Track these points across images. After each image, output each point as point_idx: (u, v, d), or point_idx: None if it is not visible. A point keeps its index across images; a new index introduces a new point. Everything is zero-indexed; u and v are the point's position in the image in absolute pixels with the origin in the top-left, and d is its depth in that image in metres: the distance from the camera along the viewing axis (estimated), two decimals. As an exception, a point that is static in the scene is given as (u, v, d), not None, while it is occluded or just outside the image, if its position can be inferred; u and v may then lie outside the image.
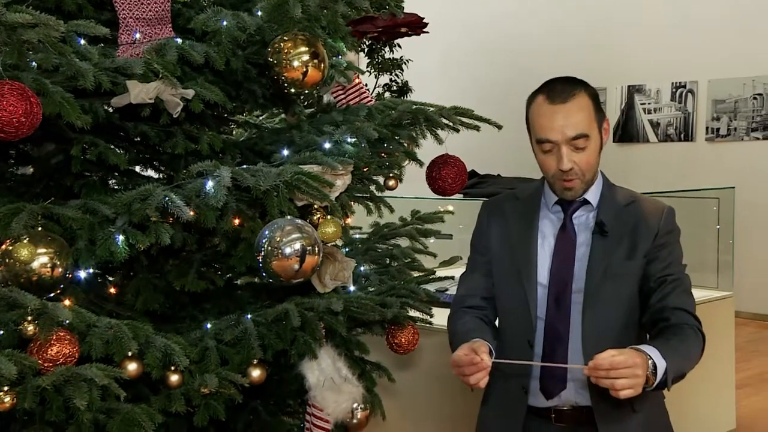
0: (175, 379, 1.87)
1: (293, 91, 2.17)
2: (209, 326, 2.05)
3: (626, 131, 8.02)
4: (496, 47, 8.90)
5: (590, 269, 1.82)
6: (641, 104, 7.92)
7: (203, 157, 2.09)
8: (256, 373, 2.01)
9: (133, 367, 1.79)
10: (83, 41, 1.93)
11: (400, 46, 7.18)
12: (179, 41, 2.02)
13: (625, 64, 7.89)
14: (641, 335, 1.87)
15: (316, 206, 2.07)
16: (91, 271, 1.97)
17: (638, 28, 7.83)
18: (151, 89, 1.91)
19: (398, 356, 2.62)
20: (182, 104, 1.97)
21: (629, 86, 7.97)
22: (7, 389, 1.58)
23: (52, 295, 1.75)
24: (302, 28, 2.14)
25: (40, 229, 1.75)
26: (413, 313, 2.45)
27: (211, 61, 2.04)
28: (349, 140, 2.19)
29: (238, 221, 2.03)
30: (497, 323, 1.97)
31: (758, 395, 4.91)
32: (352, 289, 2.34)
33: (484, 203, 2.05)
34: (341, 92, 2.59)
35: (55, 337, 1.65)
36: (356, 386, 2.19)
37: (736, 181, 5.72)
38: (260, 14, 2.17)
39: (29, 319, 1.62)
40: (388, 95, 7.20)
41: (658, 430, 1.89)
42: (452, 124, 2.36)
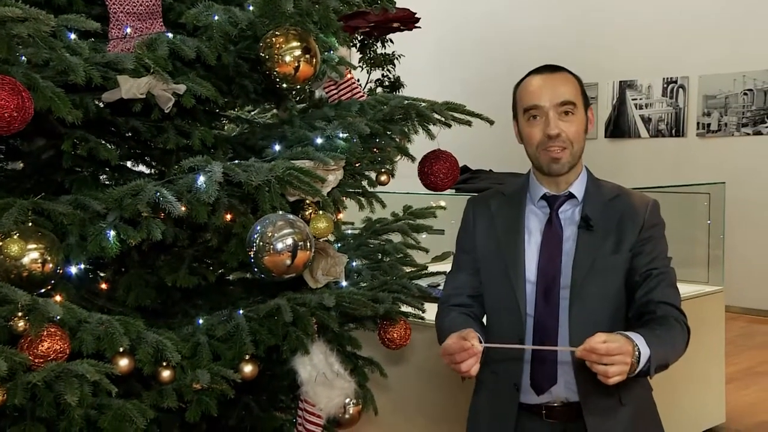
0: (166, 374, 1.86)
1: (285, 86, 2.17)
2: (201, 322, 2.05)
3: (617, 126, 8.04)
4: (488, 43, 8.91)
5: (576, 264, 1.82)
6: (632, 100, 7.94)
7: (195, 152, 2.08)
8: (248, 368, 2.01)
9: (124, 362, 1.78)
10: (74, 36, 1.92)
11: (392, 41, 7.18)
12: (170, 36, 2.01)
13: (616, 59, 7.92)
14: (628, 330, 1.87)
15: (308, 201, 2.07)
16: (82, 266, 1.96)
17: (630, 23, 7.85)
18: (142, 84, 1.90)
19: (390, 351, 2.63)
20: (174, 99, 1.96)
21: (620, 82, 7.99)
22: (-3, 385, 1.57)
23: (42, 290, 1.74)
24: (294, 23, 2.13)
25: (30, 224, 1.73)
26: (405, 308, 2.45)
27: (202, 56, 2.03)
28: (340, 135, 2.18)
29: (229, 216, 2.03)
30: (486, 321, 1.97)
31: (747, 389, 4.94)
32: (344, 284, 2.33)
33: (469, 200, 2.04)
34: (333, 87, 2.59)
35: (45, 333, 1.64)
36: (348, 381, 2.19)
37: (726, 176, 5.74)
38: (252, 9, 2.16)
39: (20, 315, 1.61)
40: (380, 90, 7.20)
41: (646, 422, 1.90)
42: (444, 119, 2.36)
